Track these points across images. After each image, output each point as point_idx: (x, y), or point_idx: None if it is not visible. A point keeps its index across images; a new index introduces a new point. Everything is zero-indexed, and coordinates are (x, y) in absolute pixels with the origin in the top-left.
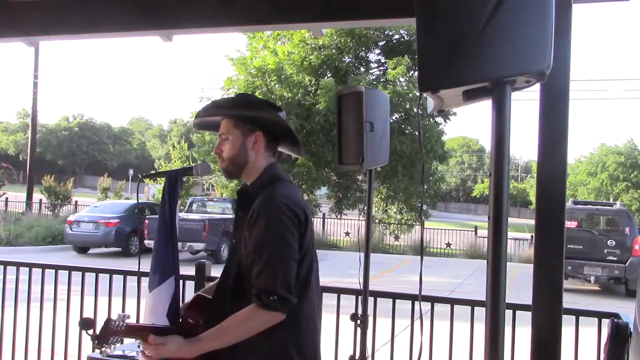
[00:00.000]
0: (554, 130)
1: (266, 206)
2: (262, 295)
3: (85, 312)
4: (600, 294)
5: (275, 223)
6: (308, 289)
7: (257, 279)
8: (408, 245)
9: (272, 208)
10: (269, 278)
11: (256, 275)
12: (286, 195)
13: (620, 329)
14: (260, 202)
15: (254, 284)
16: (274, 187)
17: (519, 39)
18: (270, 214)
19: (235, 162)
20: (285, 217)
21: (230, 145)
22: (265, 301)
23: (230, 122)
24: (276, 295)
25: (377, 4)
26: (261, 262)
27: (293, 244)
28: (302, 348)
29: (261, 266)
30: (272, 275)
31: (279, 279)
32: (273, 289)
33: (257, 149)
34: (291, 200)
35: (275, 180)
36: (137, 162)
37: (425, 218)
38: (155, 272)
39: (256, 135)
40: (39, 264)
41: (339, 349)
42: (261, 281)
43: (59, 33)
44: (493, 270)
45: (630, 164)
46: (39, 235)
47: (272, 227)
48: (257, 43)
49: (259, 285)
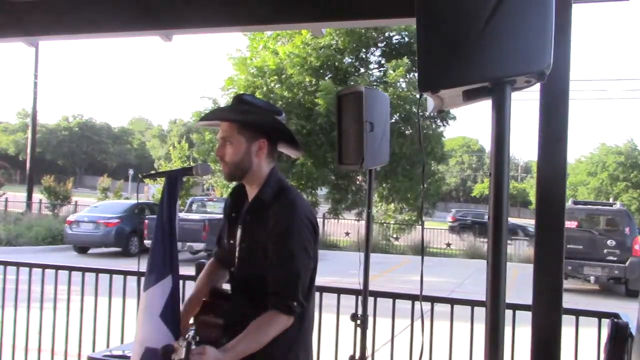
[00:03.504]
0: (554, 130)
1: (291, 219)
2: (287, 301)
3: (86, 312)
4: (600, 294)
5: (300, 235)
6: (312, 293)
7: (282, 286)
8: (408, 245)
9: (296, 220)
10: (294, 287)
11: (281, 283)
12: (303, 206)
13: (620, 329)
14: (282, 213)
15: (277, 290)
16: (288, 196)
17: (519, 39)
18: (295, 226)
19: (239, 168)
20: (306, 229)
21: (234, 151)
22: (290, 307)
23: (234, 126)
24: (296, 302)
25: (377, 4)
26: (288, 271)
27: (311, 253)
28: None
29: (287, 275)
30: (296, 284)
31: (300, 287)
32: (295, 296)
33: (260, 155)
34: (308, 211)
35: (281, 185)
36: (137, 162)
37: (429, 216)
38: (151, 272)
39: (260, 142)
40: (39, 264)
41: (339, 349)
42: (286, 289)
43: (59, 33)
44: (493, 270)
45: (630, 164)
46: (39, 235)
47: (297, 238)
48: (257, 44)
49: (284, 293)
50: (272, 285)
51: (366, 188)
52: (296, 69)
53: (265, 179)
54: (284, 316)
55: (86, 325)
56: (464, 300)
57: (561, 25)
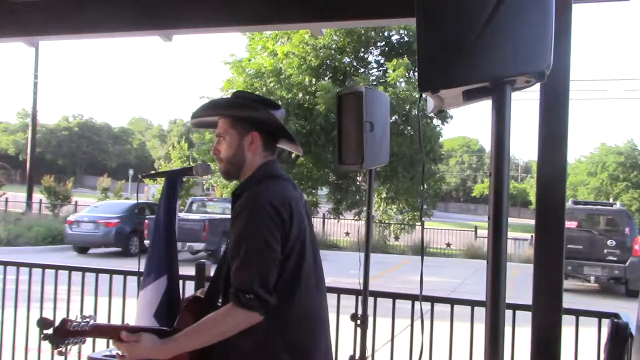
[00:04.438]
0: (554, 130)
1: (248, 205)
2: (239, 293)
3: (86, 312)
4: (600, 294)
5: (256, 222)
6: (297, 286)
7: (235, 277)
8: (408, 245)
9: (254, 206)
10: (246, 277)
11: (234, 273)
12: (272, 192)
13: (620, 329)
14: (243, 200)
15: (232, 282)
16: (260, 185)
17: (519, 39)
18: (251, 212)
19: (233, 163)
20: (267, 217)
21: (227, 146)
22: (242, 299)
23: (227, 122)
24: (252, 294)
25: (377, 4)
26: (239, 260)
27: (274, 245)
28: (292, 345)
29: (239, 264)
30: (249, 274)
31: (256, 279)
32: (250, 287)
33: (253, 149)
34: (276, 199)
35: (268, 177)
36: (137, 162)
37: (427, 217)
38: (149, 271)
39: (252, 135)
40: (39, 264)
41: (339, 349)
42: (238, 279)
43: (59, 33)
44: (493, 270)
45: (630, 164)
46: (39, 235)
47: (252, 226)
48: (256, 44)
49: (236, 284)
50: (231, 277)
51: (366, 188)
52: (295, 69)
53: (252, 172)
54: (239, 309)
55: None
56: (464, 300)
57: (561, 25)
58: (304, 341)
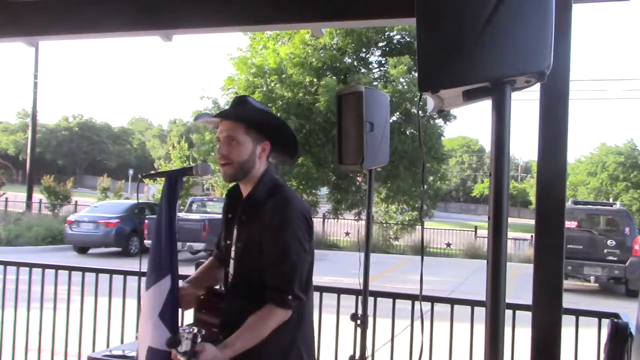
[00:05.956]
0: (554, 130)
1: (285, 214)
2: (282, 295)
3: (86, 312)
4: (600, 294)
5: (295, 229)
6: (310, 288)
7: (279, 280)
8: (408, 245)
9: (291, 215)
10: (290, 280)
11: (277, 276)
12: (298, 201)
13: (620, 329)
14: (277, 208)
15: (274, 284)
16: (282, 193)
17: (519, 39)
18: (290, 221)
19: (244, 168)
20: (301, 224)
21: (242, 151)
22: (284, 300)
23: (241, 126)
24: (292, 295)
25: (377, 4)
26: (283, 265)
27: (307, 247)
28: (307, 341)
29: (283, 269)
30: (292, 277)
31: (296, 281)
32: (291, 289)
33: (262, 157)
34: (303, 207)
35: (276, 183)
36: (137, 162)
37: (427, 217)
38: (151, 272)
39: (264, 144)
40: (39, 264)
41: (339, 349)
42: (282, 283)
43: (59, 33)
44: (493, 270)
45: (630, 164)
46: (39, 235)
47: (292, 233)
48: (257, 44)
49: (280, 287)
50: (268, 279)
51: (366, 188)
52: (296, 69)
53: (259, 178)
54: (280, 310)
55: (86, 325)
56: (464, 300)
57: (561, 25)
58: (311, 334)
